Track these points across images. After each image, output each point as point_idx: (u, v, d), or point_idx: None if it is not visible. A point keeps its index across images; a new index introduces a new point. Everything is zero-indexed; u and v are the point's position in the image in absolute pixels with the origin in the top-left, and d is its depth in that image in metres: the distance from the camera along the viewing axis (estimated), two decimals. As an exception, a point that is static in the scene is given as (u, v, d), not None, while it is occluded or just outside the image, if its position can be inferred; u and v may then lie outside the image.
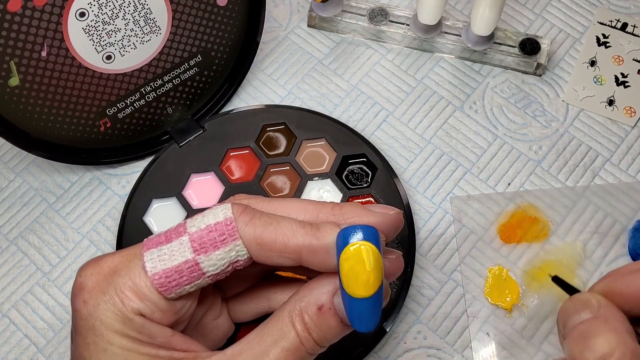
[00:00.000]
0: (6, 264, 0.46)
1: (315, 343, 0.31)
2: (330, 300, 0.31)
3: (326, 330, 0.31)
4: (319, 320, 0.31)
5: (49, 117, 0.44)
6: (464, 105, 0.50)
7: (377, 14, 0.52)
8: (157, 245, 0.31)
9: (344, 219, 0.32)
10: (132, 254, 0.31)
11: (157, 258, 0.30)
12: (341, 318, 0.31)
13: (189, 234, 0.30)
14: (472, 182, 0.48)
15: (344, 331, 0.32)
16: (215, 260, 0.30)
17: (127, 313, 0.30)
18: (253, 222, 0.31)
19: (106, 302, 0.30)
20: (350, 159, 0.47)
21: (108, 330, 0.30)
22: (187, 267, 0.30)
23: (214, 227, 0.30)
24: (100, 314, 0.30)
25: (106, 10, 0.41)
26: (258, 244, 0.31)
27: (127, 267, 0.31)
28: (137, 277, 0.30)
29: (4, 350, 0.43)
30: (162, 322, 0.31)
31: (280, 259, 0.31)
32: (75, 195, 0.48)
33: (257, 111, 0.49)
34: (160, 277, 0.30)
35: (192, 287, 0.31)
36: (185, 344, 0.31)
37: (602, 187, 0.47)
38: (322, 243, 0.30)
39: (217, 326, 0.36)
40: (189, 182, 0.46)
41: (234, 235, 0.30)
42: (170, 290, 0.30)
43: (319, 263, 0.31)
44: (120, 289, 0.30)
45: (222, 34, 0.47)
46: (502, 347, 0.43)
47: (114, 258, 0.31)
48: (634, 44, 0.52)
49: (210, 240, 0.30)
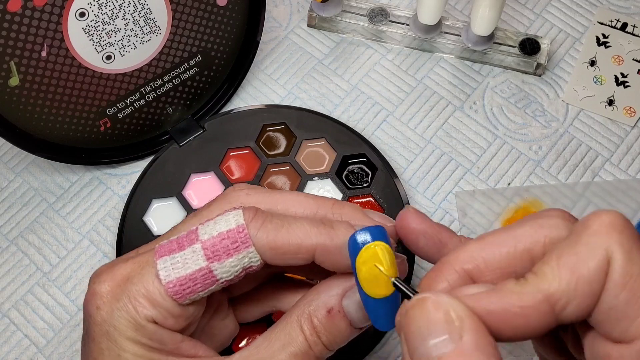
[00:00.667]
0: (6, 264, 0.46)
1: (324, 347, 0.31)
2: (339, 303, 0.31)
3: (336, 333, 0.31)
4: (328, 324, 0.31)
5: (49, 117, 0.44)
6: (464, 105, 0.50)
7: (377, 14, 0.52)
8: (170, 253, 0.31)
9: (342, 219, 0.32)
10: (144, 262, 0.31)
11: (170, 266, 0.30)
12: (350, 320, 0.31)
13: (202, 242, 0.30)
14: (472, 182, 0.48)
15: (352, 334, 0.32)
16: (229, 267, 0.30)
17: (140, 320, 0.30)
18: (265, 226, 0.30)
19: (120, 309, 0.30)
20: (350, 159, 0.47)
21: (121, 336, 0.30)
22: (201, 275, 0.30)
23: (226, 234, 0.30)
24: (114, 321, 0.30)
25: (106, 10, 0.41)
26: (271, 248, 0.30)
27: (139, 275, 0.31)
28: (150, 285, 0.30)
29: (4, 350, 0.43)
30: (174, 327, 0.31)
31: (294, 260, 0.31)
32: (75, 195, 0.48)
33: (257, 111, 0.49)
34: (175, 285, 0.30)
35: (205, 292, 0.31)
36: (194, 348, 0.32)
37: (607, 184, 0.47)
38: (336, 243, 0.30)
39: (224, 327, 0.36)
40: (189, 182, 0.46)
41: (246, 243, 0.30)
42: (184, 297, 0.30)
43: (333, 262, 0.31)
44: (134, 297, 0.30)
45: (222, 34, 0.47)
46: (502, 345, 0.43)
47: (127, 265, 0.31)
48: (634, 44, 0.52)
49: (223, 248, 0.30)
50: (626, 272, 0.25)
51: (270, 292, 0.37)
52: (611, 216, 0.26)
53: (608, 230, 0.25)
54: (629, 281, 0.25)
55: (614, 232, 0.25)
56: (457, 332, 0.24)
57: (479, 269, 0.27)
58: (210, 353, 0.32)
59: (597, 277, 0.25)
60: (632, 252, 0.25)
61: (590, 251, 0.25)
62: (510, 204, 0.47)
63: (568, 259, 0.25)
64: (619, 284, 0.25)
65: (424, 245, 0.31)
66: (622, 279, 0.25)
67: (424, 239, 0.31)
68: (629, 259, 0.25)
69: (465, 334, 0.24)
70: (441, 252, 0.31)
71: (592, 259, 0.25)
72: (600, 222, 0.26)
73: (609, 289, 0.25)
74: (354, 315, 0.31)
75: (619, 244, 0.25)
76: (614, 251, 0.25)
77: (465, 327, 0.24)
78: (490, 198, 0.47)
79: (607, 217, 0.26)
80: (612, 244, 0.25)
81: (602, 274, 0.25)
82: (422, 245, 0.31)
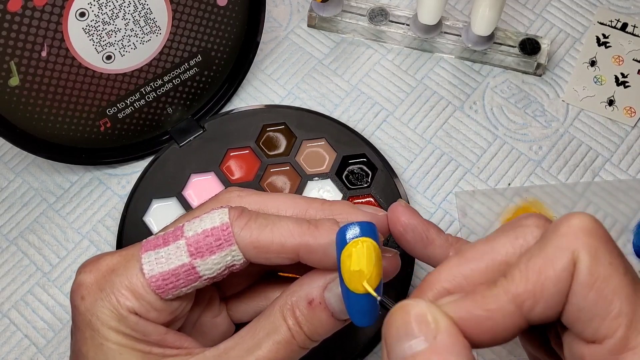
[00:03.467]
0: (6, 264, 0.46)
1: (306, 337, 0.31)
2: (321, 294, 0.31)
3: (317, 324, 0.31)
4: (309, 314, 0.31)
5: (49, 117, 0.44)
6: (464, 105, 0.50)
7: (377, 14, 0.52)
8: (155, 248, 0.31)
9: (333, 216, 0.33)
10: (130, 255, 0.32)
11: (154, 261, 0.31)
12: (332, 312, 0.31)
13: (186, 238, 0.31)
14: (472, 182, 0.48)
15: (335, 326, 0.32)
16: (212, 265, 0.31)
17: (122, 311, 0.31)
18: (249, 225, 0.31)
19: (103, 299, 0.31)
20: (350, 159, 0.47)
21: (104, 326, 0.31)
22: (184, 271, 0.31)
23: (210, 231, 0.31)
24: (96, 310, 0.31)
25: (106, 10, 0.41)
26: (255, 247, 0.31)
27: (124, 267, 0.31)
28: (134, 277, 0.31)
29: (4, 350, 0.43)
30: (157, 321, 0.31)
31: (278, 259, 0.31)
32: (75, 195, 0.48)
33: (257, 111, 0.49)
34: (157, 280, 0.31)
35: (188, 289, 0.31)
36: (178, 340, 0.32)
37: (608, 184, 0.47)
38: (320, 242, 0.30)
39: (216, 325, 0.36)
40: (189, 182, 0.46)
41: (229, 241, 0.31)
42: (167, 292, 0.31)
43: (318, 260, 0.31)
44: (117, 288, 0.31)
45: (222, 34, 0.47)
46: (502, 345, 0.42)
47: (113, 257, 0.32)
48: (634, 44, 0.52)
49: (207, 245, 0.31)
50: (592, 273, 0.25)
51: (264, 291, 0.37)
52: (581, 219, 0.26)
53: (576, 232, 0.26)
54: (596, 282, 0.25)
55: (581, 234, 0.26)
56: (431, 333, 0.25)
57: (460, 286, 0.28)
58: (195, 345, 0.32)
59: (563, 278, 0.25)
60: (599, 253, 0.25)
61: (556, 253, 0.26)
62: (510, 204, 0.47)
63: (536, 261, 0.26)
64: (586, 284, 0.25)
65: (411, 240, 0.32)
66: (588, 279, 0.25)
67: (412, 234, 0.32)
68: (595, 260, 0.25)
69: (439, 334, 0.25)
70: (427, 248, 0.32)
71: (558, 260, 0.25)
72: (568, 224, 0.26)
73: (576, 290, 0.25)
74: (335, 306, 0.31)
75: (585, 246, 0.25)
76: (580, 252, 0.25)
77: (439, 329, 0.25)
78: (491, 198, 0.47)
79: (577, 219, 0.26)
80: (578, 245, 0.25)
81: (568, 274, 0.25)
82: (409, 239, 0.32)
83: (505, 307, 0.26)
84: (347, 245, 0.28)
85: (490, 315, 0.26)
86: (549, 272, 0.26)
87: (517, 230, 0.28)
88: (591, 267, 0.25)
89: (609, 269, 0.25)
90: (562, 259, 0.25)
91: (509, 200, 0.47)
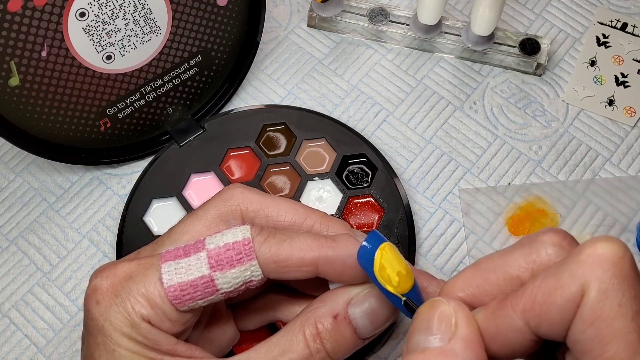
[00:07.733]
0: (6, 264, 0.46)
1: (327, 354, 0.31)
2: (345, 309, 0.31)
3: (340, 340, 0.31)
4: (333, 330, 0.31)
5: (49, 117, 0.44)
6: (464, 105, 0.50)
7: (377, 14, 0.52)
8: (175, 259, 0.31)
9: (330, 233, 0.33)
10: (149, 263, 0.32)
11: (174, 271, 0.31)
12: (355, 328, 0.31)
13: (207, 250, 0.31)
14: (472, 182, 0.48)
15: (356, 344, 0.32)
16: (230, 278, 0.31)
17: (135, 317, 0.30)
18: (268, 240, 0.31)
19: (117, 304, 0.31)
20: (350, 159, 0.47)
21: (116, 332, 0.30)
22: (202, 283, 0.31)
23: (232, 245, 0.31)
24: (110, 316, 0.31)
25: (106, 10, 0.41)
26: (274, 261, 0.31)
27: (142, 275, 0.31)
28: (151, 286, 0.31)
29: (4, 350, 0.43)
30: (170, 331, 0.31)
31: (297, 273, 0.32)
32: (75, 195, 0.48)
33: (257, 111, 0.49)
34: (176, 290, 0.31)
35: (204, 302, 0.31)
36: (189, 350, 0.32)
37: (608, 183, 0.47)
38: (339, 253, 0.31)
39: (223, 333, 0.36)
40: (189, 182, 0.46)
41: (250, 255, 0.31)
42: (183, 303, 0.31)
43: (338, 272, 0.31)
44: (133, 294, 0.31)
45: (222, 34, 0.47)
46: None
47: (130, 264, 0.32)
48: (634, 44, 0.52)
49: (227, 258, 0.31)
50: (595, 311, 0.24)
51: (270, 302, 0.37)
52: (606, 247, 0.25)
53: (594, 262, 0.25)
54: (596, 320, 0.24)
55: (598, 265, 0.25)
56: (448, 336, 0.25)
57: (473, 295, 0.28)
58: (206, 355, 0.32)
59: (568, 308, 0.25)
60: (609, 291, 0.24)
61: (568, 280, 0.25)
62: (511, 204, 0.47)
63: (548, 283, 0.25)
64: (587, 320, 0.24)
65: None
66: (589, 316, 0.24)
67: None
68: (602, 297, 0.24)
69: (454, 339, 0.25)
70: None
71: (567, 288, 0.25)
72: (590, 252, 0.25)
73: (577, 323, 0.25)
74: (359, 322, 0.31)
75: (597, 280, 0.24)
76: (590, 287, 0.25)
77: (456, 334, 0.25)
78: (491, 198, 0.47)
79: (602, 247, 0.25)
80: (592, 277, 0.25)
81: (573, 305, 0.25)
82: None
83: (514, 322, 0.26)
84: (375, 258, 0.29)
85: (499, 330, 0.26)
86: (556, 298, 0.25)
87: (532, 245, 0.28)
88: (595, 304, 0.24)
89: (614, 310, 0.24)
90: (570, 288, 0.25)
91: (509, 200, 0.47)
